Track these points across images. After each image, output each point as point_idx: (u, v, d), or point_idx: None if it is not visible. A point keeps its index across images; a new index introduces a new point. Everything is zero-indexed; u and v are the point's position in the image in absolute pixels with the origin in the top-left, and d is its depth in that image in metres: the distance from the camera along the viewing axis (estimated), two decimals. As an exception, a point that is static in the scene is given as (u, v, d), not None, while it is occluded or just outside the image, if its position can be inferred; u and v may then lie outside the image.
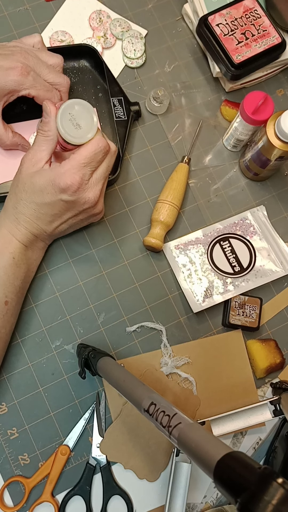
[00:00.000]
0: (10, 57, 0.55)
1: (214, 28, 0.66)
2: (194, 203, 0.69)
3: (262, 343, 0.65)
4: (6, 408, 0.60)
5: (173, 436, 0.39)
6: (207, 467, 0.33)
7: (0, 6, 0.71)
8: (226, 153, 0.71)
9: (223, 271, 0.65)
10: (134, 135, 0.70)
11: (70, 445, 0.60)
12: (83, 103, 0.53)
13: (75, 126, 0.52)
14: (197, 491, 0.61)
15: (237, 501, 0.29)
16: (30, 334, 0.62)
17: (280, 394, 0.56)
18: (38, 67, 0.57)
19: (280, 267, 0.66)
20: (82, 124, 0.53)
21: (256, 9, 0.67)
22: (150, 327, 0.64)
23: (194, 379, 0.63)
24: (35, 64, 0.57)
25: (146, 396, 0.44)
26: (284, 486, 0.29)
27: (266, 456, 0.63)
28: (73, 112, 0.52)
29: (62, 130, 0.52)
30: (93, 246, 0.65)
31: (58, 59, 0.60)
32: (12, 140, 0.60)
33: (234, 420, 0.56)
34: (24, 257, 0.56)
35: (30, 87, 0.56)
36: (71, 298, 0.64)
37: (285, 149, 0.59)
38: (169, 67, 0.73)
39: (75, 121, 0.52)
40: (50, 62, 0.59)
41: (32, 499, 0.58)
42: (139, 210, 0.68)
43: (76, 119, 0.52)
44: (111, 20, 0.72)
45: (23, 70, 0.55)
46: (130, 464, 0.60)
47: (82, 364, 0.56)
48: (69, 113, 0.52)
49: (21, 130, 0.64)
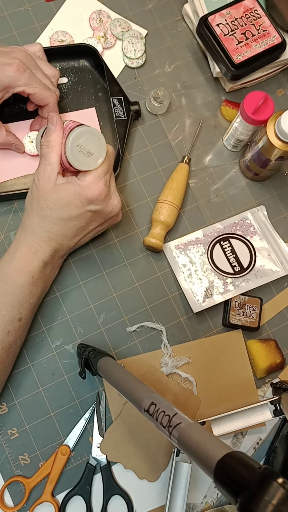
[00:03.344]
0: (8, 54, 0.56)
1: (214, 28, 0.66)
2: (194, 203, 0.69)
3: (262, 343, 0.65)
4: (6, 408, 0.60)
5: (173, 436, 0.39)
6: (207, 467, 0.33)
7: (0, 6, 0.71)
8: (226, 153, 0.71)
9: (223, 271, 0.65)
10: (134, 135, 0.70)
11: (70, 445, 0.60)
12: (89, 130, 0.53)
13: (86, 155, 0.53)
14: (197, 491, 0.61)
15: (237, 501, 0.29)
16: (30, 334, 0.62)
17: (280, 394, 0.56)
18: (34, 69, 0.58)
19: (280, 267, 0.66)
20: (93, 150, 0.53)
21: (256, 9, 0.67)
22: (150, 327, 0.64)
23: (194, 379, 0.63)
24: (32, 66, 0.57)
25: (146, 396, 0.44)
26: (284, 486, 0.29)
27: (266, 456, 0.63)
28: (82, 142, 0.52)
29: (76, 163, 0.52)
30: (93, 246, 0.65)
31: (55, 71, 0.61)
32: (5, 139, 0.61)
33: (234, 420, 0.56)
34: (42, 274, 0.56)
35: (25, 85, 0.56)
36: (71, 298, 0.64)
37: (285, 149, 0.59)
38: (169, 67, 0.73)
39: (85, 150, 0.52)
40: (47, 72, 0.60)
41: (32, 499, 0.58)
42: (139, 210, 0.67)
43: (85, 148, 0.52)
44: (111, 20, 0.72)
45: (19, 67, 0.55)
46: (130, 464, 0.60)
47: (82, 364, 0.56)
48: (77, 146, 0.52)
49: (15, 130, 0.64)
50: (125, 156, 0.69)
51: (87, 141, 0.52)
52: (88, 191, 0.53)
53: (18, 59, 0.55)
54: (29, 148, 0.64)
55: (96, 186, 0.53)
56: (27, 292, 0.55)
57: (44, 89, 0.58)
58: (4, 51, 0.56)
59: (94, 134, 0.53)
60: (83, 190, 0.53)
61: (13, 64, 0.55)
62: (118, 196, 0.56)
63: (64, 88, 0.68)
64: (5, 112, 0.65)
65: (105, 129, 0.68)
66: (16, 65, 0.55)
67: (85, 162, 0.53)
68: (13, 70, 0.55)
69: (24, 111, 0.65)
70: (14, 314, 0.54)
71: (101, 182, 0.53)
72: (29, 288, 0.55)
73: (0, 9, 0.71)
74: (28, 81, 0.56)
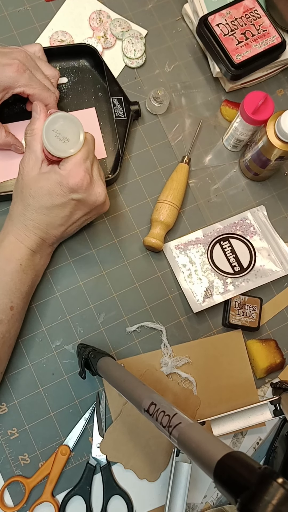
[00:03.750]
0: (8, 54, 0.56)
1: (214, 28, 0.66)
2: (194, 203, 0.69)
3: (262, 343, 0.65)
4: (6, 408, 0.60)
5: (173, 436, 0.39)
6: (207, 467, 0.33)
7: (0, 6, 0.71)
8: (226, 153, 0.71)
9: (223, 271, 0.65)
10: (134, 135, 0.70)
11: (70, 445, 0.60)
12: (65, 115, 0.52)
13: (62, 141, 0.52)
14: (197, 491, 0.61)
15: (237, 501, 0.29)
16: (30, 334, 0.62)
17: (280, 394, 0.56)
18: (34, 70, 0.58)
19: (280, 267, 0.66)
20: (69, 137, 0.52)
21: (256, 9, 0.67)
22: (150, 327, 0.64)
23: (194, 379, 0.63)
24: (32, 67, 0.58)
25: (146, 396, 0.44)
26: (284, 486, 0.29)
27: (266, 456, 0.63)
28: (57, 127, 0.52)
29: (50, 147, 0.52)
30: (93, 246, 0.65)
31: (55, 72, 0.62)
32: (5, 139, 0.61)
33: (234, 420, 0.56)
34: (31, 263, 0.56)
35: (25, 85, 0.56)
36: (71, 298, 0.64)
37: (285, 149, 0.59)
38: (169, 67, 0.73)
39: (61, 136, 0.52)
40: (47, 72, 0.60)
41: (32, 499, 0.58)
42: (139, 210, 0.67)
43: (61, 133, 0.52)
44: (111, 20, 0.72)
45: (19, 67, 0.55)
46: (130, 464, 0.60)
47: (82, 364, 0.56)
48: (53, 130, 0.52)
49: (15, 130, 0.64)
50: (125, 156, 0.69)
51: (63, 127, 0.52)
52: (68, 179, 0.52)
53: (18, 60, 0.56)
54: None
55: (76, 173, 0.52)
56: (16, 280, 0.55)
57: (44, 90, 0.58)
58: (4, 52, 0.56)
59: (70, 120, 0.52)
60: (63, 178, 0.52)
61: (13, 64, 0.55)
62: (102, 184, 0.55)
63: (64, 88, 0.68)
64: (4, 112, 0.65)
65: (105, 129, 0.68)
66: (16, 65, 0.55)
67: (61, 148, 0.52)
68: (13, 70, 0.55)
69: (23, 111, 0.65)
70: (5, 302, 0.54)
71: (80, 169, 0.52)
72: (18, 276, 0.55)
73: (0, 9, 0.71)
74: (28, 82, 0.56)
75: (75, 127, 0.52)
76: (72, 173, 0.52)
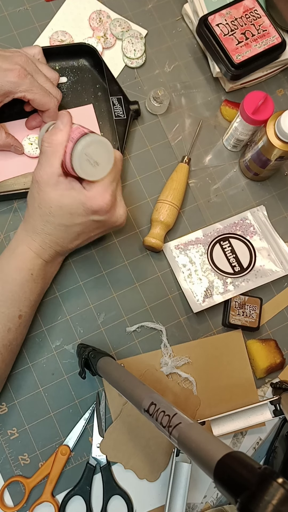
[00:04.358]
0: (9, 59, 0.56)
1: (214, 28, 0.66)
2: (194, 203, 0.69)
3: (262, 343, 0.65)
4: (6, 408, 0.60)
5: (173, 436, 0.39)
6: (207, 467, 0.33)
7: (0, 6, 0.71)
8: (226, 153, 0.71)
9: (223, 271, 0.65)
10: (134, 135, 0.70)
11: (70, 445, 0.60)
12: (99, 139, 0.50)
13: (92, 164, 0.50)
14: (197, 491, 0.61)
15: (237, 501, 0.29)
16: (30, 334, 0.62)
17: (280, 394, 0.56)
18: (35, 73, 0.58)
19: (280, 267, 0.66)
20: (100, 160, 0.50)
21: (256, 9, 0.67)
22: (150, 327, 0.64)
23: (194, 379, 0.63)
24: (33, 71, 0.57)
25: (146, 396, 0.44)
26: (284, 486, 0.29)
27: (266, 456, 0.63)
28: (89, 151, 0.49)
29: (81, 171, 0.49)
30: (93, 246, 0.65)
31: (55, 74, 0.62)
32: (5, 141, 0.61)
33: (234, 420, 0.56)
34: (42, 272, 0.56)
35: (26, 90, 0.56)
36: (71, 298, 0.64)
37: (285, 149, 0.59)
38: (169, 67, 0.73)
39: (92, 159, 0.49)
40: (48, 75, 0.60)
41: (32, 499, 0.58)
42: (139, 210, 0.67)
43: (92, 157, 0.49)
44: (111, 20, 0.72)
45: (20, 72, 0.55)
46: (130, 464, 0.60)
47: (82, 364, 0.56)
48: (85, 154, 0.49)
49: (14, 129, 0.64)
50: (125, 156, 0.69)
51: (95, 151, 0.49)
52: (93, 202, 0.50)
53: (19, 65, 0.55)
54: (28, 150, 0.64)
55: (102, 197, 0.50)
56: (26, 290, 0.54)
57: (45, 95, 0.58)
58: (5, 56, 0.56)
59: (104, 144, 0.50)
60: (88, 200, 0.50)
61: (14, 70, 0.55)
62: (123, 205, 0.54)
63: (63, 88, 0.68)
64: (4, 112, 0.65)
65: (104, 129, 0.68)
66: (17, 71, 0.55)
67: (90, 172, 0.50)
68: (15, 76, 0.55)
69: (22, 110, 0.65)
70: (14, 311, 0.54)
71: (107, 193, 0.51)
72: (28, 285, 0.54)
73: (0, 9, 0.71)
74: (29, 87, 0.56)
75: (106, 152, 0.50)
76: (98, 196, 0.50)
